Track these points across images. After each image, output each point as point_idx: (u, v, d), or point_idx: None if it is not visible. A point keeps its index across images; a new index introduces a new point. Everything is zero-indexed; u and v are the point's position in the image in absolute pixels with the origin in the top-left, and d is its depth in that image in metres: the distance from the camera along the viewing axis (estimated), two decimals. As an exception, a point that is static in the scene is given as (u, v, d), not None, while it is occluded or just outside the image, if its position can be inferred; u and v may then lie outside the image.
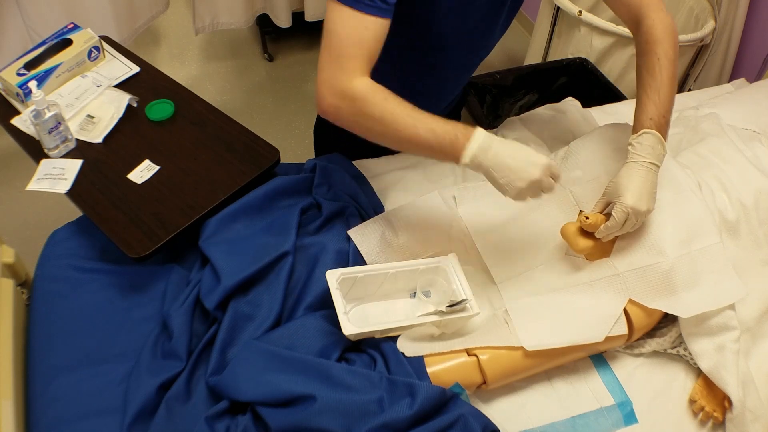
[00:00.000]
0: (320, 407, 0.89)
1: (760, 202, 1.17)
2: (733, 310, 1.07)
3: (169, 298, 1.10)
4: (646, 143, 1.04)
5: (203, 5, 2.42)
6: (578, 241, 1.07)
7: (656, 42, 1.08)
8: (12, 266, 1.18)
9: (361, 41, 0.95)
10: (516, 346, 1.02)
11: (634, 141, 1.06)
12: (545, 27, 2.36)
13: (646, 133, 1.05)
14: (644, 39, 1.09)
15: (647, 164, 1.03)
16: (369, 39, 0.96)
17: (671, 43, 1.08)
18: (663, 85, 1.06)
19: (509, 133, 1.42)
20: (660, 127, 1.05)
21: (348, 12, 0.94)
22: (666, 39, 1.08)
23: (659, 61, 1.07)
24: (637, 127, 1.07)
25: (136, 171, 1.22)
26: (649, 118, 1.05)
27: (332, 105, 0.97)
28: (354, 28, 0.95)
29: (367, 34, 0.95)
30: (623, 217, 1.01)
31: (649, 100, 1.06)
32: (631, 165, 1.04)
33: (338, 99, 0.96)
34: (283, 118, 2.67)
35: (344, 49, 0.95)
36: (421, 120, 0.95)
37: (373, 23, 0.95)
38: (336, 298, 1.00)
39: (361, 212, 1.23)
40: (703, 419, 1.07)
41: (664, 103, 1.06)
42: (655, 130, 1.05)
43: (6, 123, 1.29)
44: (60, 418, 0.98)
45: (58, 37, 1.39)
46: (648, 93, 1.07)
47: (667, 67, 1.07)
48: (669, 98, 1.07)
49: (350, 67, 0.95)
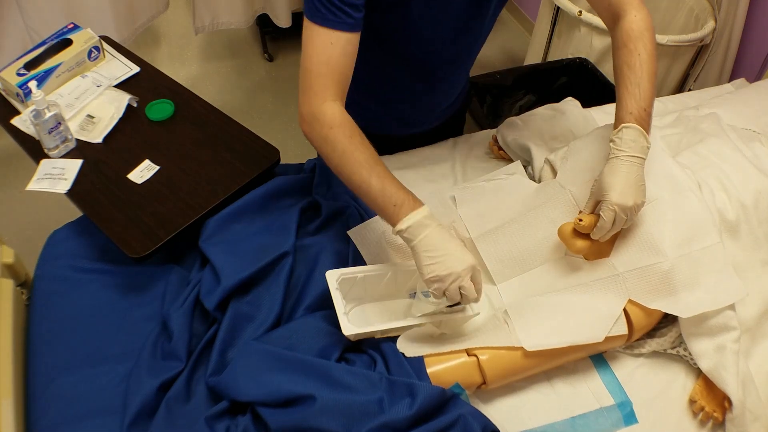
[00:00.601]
0: (320, 407, 0.89)
1: (760, 202, 1.17)
2: (733, 311, 1.07)
3: (169, 299, 1.11)
4: (627, 137, 1.03)
5: (203, 5, 2.42)
6: (575, 241, 1.07)
7: (637, 38, 1.08)
8: (12, 266, 1.18)
9: (329, 59, 0.96)
10: (516, 346, 1.02)
11: (614, 137, 1.05)
12: (545, 27, 2.36)
13: (626, 127, 1.04)
14: (624, 35, 1.09)
15: (629, 158, 1.02)
16: (336, 56, 0.97)
17: (650, 39, 1.09)
18: (643, 79, 1.06)
19: (509, 133, 1.42)
20: (641, 120, 1.04)
21: (316, 30, 0.96)
22: (646, 35, 1.08)
23: (640, 56, 1.07)
24: (617, 123, 1.06)
25: (136, 171, 1.22)
26: (628, 113, 1.04)
27: (306, 125, 1.00)
28: (321, 45, 0.96)
29: (333, 50, 0.96)
30: (611, 215, 1.00)
31: (628, 94, 1.06)
32: (612, 161, 1.03)
33: (311, 120, 0.98)
34: (283, 118, 2.67)
35: (315, 68, 0.97)
36: (376, 173, 0.95)
37: (338, 38, 0.96)
38: (336, 298, 1.00)
39: (361, 212, 1.23)
40: (703, 419, 1.07)
41: (645, 97, 1.05)
42: (635, 124, 1.03)
43: (6, 123, 1.29)
44: (60, 418, 0.98)
45: (58, 37, 1.39)
46: (628, 87, 1.06)
47: (647, 62, 1.07)
48: (649, 92, 1.06)
49: (320, 87, 0.97)
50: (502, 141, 1.44)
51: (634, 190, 1.02)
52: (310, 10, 0.97)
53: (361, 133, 0.98)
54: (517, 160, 1.39)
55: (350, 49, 0.99)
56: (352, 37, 0.98)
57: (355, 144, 0.96)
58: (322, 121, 0.97)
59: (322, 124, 0.97)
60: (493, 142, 1.48)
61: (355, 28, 0.97)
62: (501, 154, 1.46)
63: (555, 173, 1.27)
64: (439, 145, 1.49)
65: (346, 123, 0.97)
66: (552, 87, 2.21)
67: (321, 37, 0.96)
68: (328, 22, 0.95)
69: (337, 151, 0.97)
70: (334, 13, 0.95)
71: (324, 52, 0.96)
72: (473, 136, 1.53)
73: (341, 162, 0.97)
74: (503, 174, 1.30)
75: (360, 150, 0.96)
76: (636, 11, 1.09)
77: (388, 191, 0.95)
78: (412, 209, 0.95)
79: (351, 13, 0.96)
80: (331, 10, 0.95)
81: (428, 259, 0.94)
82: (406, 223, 0.94)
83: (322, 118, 0.97)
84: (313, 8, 0.96)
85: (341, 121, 0.97)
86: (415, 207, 0.95)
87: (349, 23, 0.96)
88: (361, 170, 0.96)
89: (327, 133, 0.97)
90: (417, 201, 0.96)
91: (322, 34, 0.96)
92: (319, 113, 0.97)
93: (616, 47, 1.11)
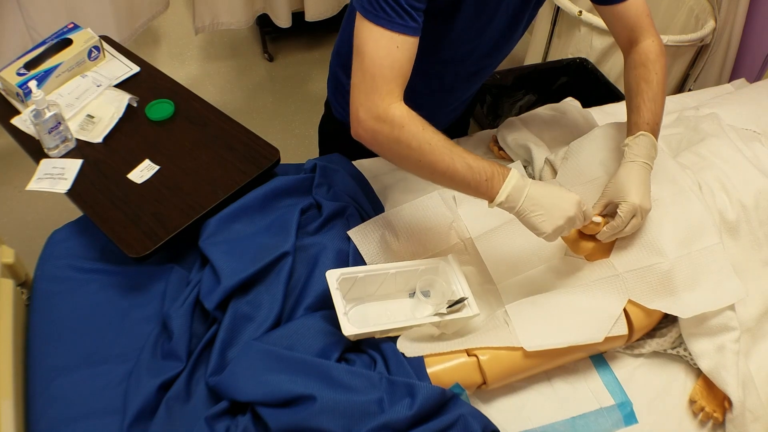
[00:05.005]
0: (320, 407, 0.89)
1: (760, 203, 1.17)
2: (733, 311, 1.07)
3: (169, 299, 1.10)
4: (643, 144, 1.08)
5: (203, 5, 2.42)
6: (579, 242, 1.07)
7: (654, 61, 1.14)
8: (12, 266, 1.18)
9: (393, 62, 0.93)
10: (516, 346, 1.02)
11: (630, 142, 1.09)
12: (545, 27, 2.36)
13: (643, 135, 1.08)
14: (643, 56, 1.15)
15: (644, 165, 1.06)
16: (402, 59, 0.94)
17: (664, 65, 1.15)
18: (658, 96, 1.12)
19: (509, 133, 1.42)
20: (654, 132, 1.10)
21: (379, 32, 0.92)
22: (660, 60, 1.14)
23: (657, 75, 1.13)
24: (633, 129, 1.10)
25: (136, 171, 1.22)
26: (645, 123, 1.10)
27: (370, 129, 0.95)
28: (386, 48, 0.93)
29: (399, 54, 0.93)
30: (630, 215, 1.03)
31: (645, 105, 1.11)
32: (630, 165, 1.06)
33: (376, 123, 0.94)
34: (283, 118, 2.67)
35: (378, 70, 0.93)
36: (458, 154, 0.94)
37: (403, 42, 0.93)
38: (336, 298, 1.00)
39: (361, 212, 1.23)
40: (703, 420, 1.07)
41: (658, 113, 1.11)
42: (651, 134, 1.09)
43: (6, 123, 1.29)
44: (60, 418, 0.98)
45: (58, 36, 1.38)
46: (644, 99, 1.11)
47: (662, 84, 1.13)
48: (661, 109, 1.12)
49: (386, 90, 0.93)
50: (502, 141, 1.44)
51: (648, 194, 1.06)
52: (372, 10, 0.92)
53: (429, 124, 0.96)
54: (517, 160, 1.39)
55: (413, 53, 0.96)
56: (415, 42, 0.95)
57: (429, 134, 0.94)
58: (392, 123, 0.94)
59: (392, 125, 0.94)
60: (493, 142, 1.48)
61: (418, 32, 0.94)
62: (501, 154, 1.46)
63: (555, 173, 1.27)
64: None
65: (415, 118, 0.95)
66: (552, 87, 2.21)
67: (385, 39, 0.92)
68: (395, 25, 0.92)
69: (414, 148, 0.94)
70: (400, 15, 0.91)
71: (389, 55, 0.93)
72: (473, 136, 1.53)
73: (420, 157, 0.95)
74: (503, 174, 1.30)
75: (435, 139, 0.94)
76: (653, 38, 1.15)
77: (475, 168, 0.94)
78: (504, 177, 0.95)
79: (416, 17, 0.93)
80: (398, 12, 0.91)
81: (539, 217, 0.95)
82: (504, 193, 0.95)
83: (391, 120, 0.94)
84: (376, 8, 0.91)
85: (410, 117, 0.94)
86: (505, 174, 0.95)
87: (413, 27, 0.93)
88: (443, 157, 0.94)
89: (399, 133, 0.94)
90: (504, 167, 0.97)
91: (388, 36, 0.92)
92: (386, 116, 0.94)
93: (633, 65, 1.16)
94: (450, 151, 0.94)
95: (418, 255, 1.16)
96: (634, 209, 1.03)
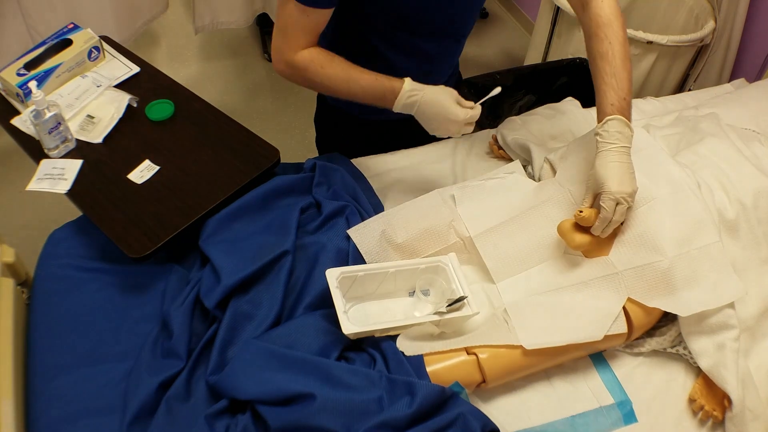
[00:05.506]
0: (320, 406, 0.89)
1: (760, 202, 1.17)
2: (732, 309, 1.07)
3: (169, 298, 1.11)
4: (612, 129, 1.06)
5: (203, 4, 2.42)
6: (574, 237, 1.07)
7: (605, 25, 1.10)
8: (12, 266, 1.18)
9: (303, 26, 1.08)
10: (515, 344, 1.02)
11: (600, 130, 1.08)
12: (545, 27, 2.36)
13: (610, 119, 1.06)
14: (593, 22, 1.11)
15: (618, 149, 1.05)
16: (311, 23, 1.08)
17: (619, 24, 1.10)
18: (617, 68, 1.08)
19: (509, 132, 1.42)
20: (622, 110, 1.07)
21: (292, 4, 1.04)
22: (614, 21, 1.10)
23: (611, 45, 1.09)
24: (600, 116, 1.09)
25: (136, 171, 1.22)
26: (609, 104, 1.07)
27: (282, 71, 1.13)
28: (297, 16, 1.06)
29: (307, 20, 1.07)
30: (612, 204, 1.03)
31: (606, 86, 1.08)
32: (603, 153, 1.06)
33: (286, 67, 1.12)
34: (283, 118, 2.67)
35: (288, 29, 1.08)
36: (354, 80, 1.11)
37: (313, 12, 1.06)
38: (336, 297, 1.00)
39: (361, 211, 1.23)
40: (702, 418, 1.07)
41: (622, 86, 1.08)
42: (618, 114, 1.06)
43: (6, 123, 1.29)
44: (60, 417, 0.98)
45: (58, 37, 1.39)
46: (605, 79, 1.08)
47: (619, 50, 1.09)
48: (626, 80, 1.08)
49: (294, 43, 1.09)
50: (501, 141, 1.44)
51: (629, 177, 1.05)
52: None
53: (333, 59, 1.11)
54: (517, 159, 1.39)
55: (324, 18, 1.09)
56: (327, 12, 1.07)
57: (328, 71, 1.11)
58: (297, 67, 1.11)
59: (297, 69, 1.11)
60: (493, 142, 1.48)
61: (331, 4, 1.06)
62: (501, 154, 1.46)
63: (555, 172, 1.28)
64: (440, 145, 1.49)
65: (317, 58, 1.10)
66: (552, 87, 2.21)
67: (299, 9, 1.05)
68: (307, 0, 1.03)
69: (317, 83, 1.13)
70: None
71: (299, 21, 1.06)
72: (473, 136, 1.53)
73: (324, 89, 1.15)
74: (503, 173, 1.31)
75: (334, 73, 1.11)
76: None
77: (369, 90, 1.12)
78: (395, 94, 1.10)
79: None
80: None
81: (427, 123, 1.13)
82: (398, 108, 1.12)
83: (296, 65, 1.11)
84: None
85: (311, 60, 1.10)
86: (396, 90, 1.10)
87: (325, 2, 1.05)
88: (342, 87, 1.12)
89: (303, 74, 1.12)
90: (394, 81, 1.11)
91: (300, 8, 1.04)
92: (293, 62, 1.10)
93: (587, 37, 1.14)
94: (347, 82, 1.11)
95: (418, 254, 1.16)
96: (614, 198, 1.03)
